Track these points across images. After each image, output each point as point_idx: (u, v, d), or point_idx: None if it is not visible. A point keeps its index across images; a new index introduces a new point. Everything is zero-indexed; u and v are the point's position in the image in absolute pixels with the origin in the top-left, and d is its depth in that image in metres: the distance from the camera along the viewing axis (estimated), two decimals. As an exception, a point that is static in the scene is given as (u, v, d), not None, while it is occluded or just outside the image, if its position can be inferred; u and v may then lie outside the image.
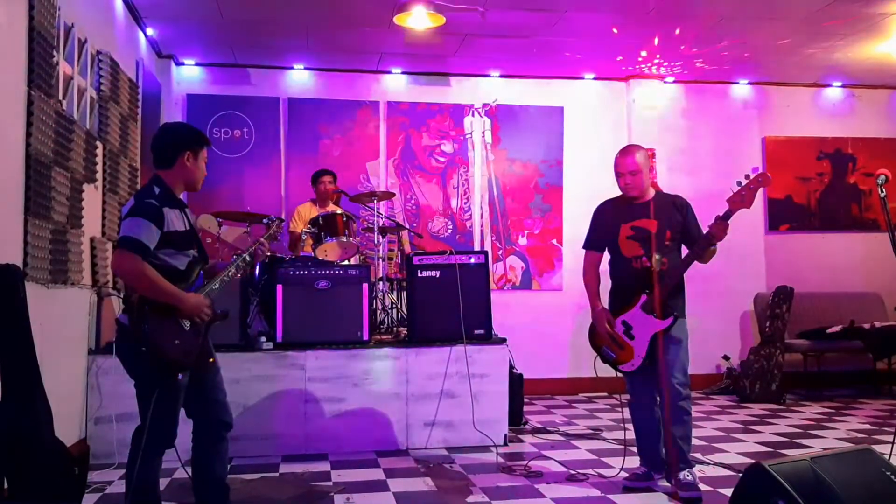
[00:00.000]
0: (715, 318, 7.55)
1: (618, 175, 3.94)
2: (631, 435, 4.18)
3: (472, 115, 7.47)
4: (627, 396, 4.10)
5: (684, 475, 3.81)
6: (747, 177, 3.70)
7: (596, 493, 3.93)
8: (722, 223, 3.67)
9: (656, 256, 3.87)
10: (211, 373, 3.20)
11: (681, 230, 3.94)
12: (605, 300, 4.07)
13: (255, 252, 3.36)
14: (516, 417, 5.49)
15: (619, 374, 4.04)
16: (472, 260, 5.23)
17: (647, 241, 3.90)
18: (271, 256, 5.43)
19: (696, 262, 3.83)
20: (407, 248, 6.57)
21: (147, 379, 2.95)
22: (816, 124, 8.00)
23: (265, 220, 3.76)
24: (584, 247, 4.16)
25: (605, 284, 4.10)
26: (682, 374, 3.87)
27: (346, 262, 5.54)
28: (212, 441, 3.22)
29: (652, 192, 4.01)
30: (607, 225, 4.05)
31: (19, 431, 3.07)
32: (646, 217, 3.93)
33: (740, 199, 3.68)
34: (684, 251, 3.95)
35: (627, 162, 3.92)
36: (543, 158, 7.53)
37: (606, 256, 4.12)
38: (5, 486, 3.09)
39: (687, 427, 3.87)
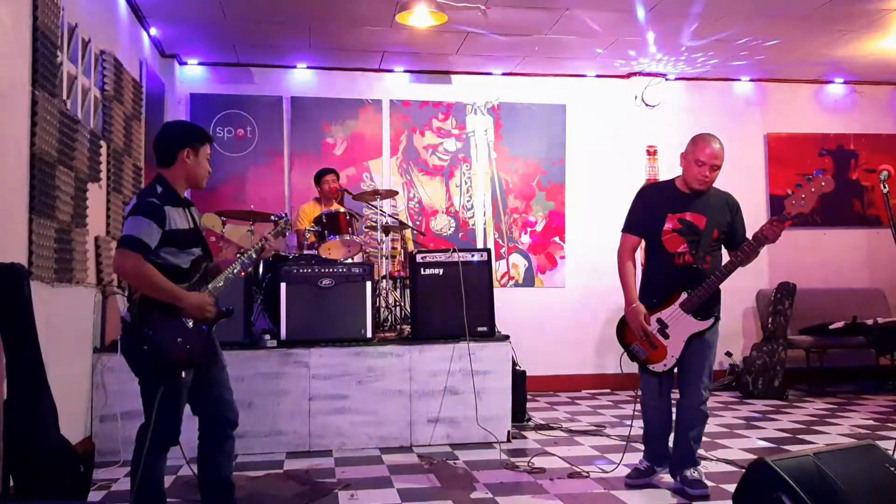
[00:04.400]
0: (717, 314, 7.54)
1: (698, 163, 3.65)
2: (634, 431, 4.18)
3: (475, 113, 7.48)
4: (633, 393, 4.08)
5: (690, 472, 3.82)
6: (808, 179, 3.50)
7: (599, 489, 3.94)
8: (777, 225, 3.49)
9: (701, 254, 3.70)
10: (216, 370, 3.21)
11: (727, 230, 3.76)
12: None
13: (262, 247, 3.34)
14: (519, 414, 5.51)
15: (648, 374, 3.87)
16: (475, 257, 5.25)
17: (693, 236, 3.71)
18: (275, 255, 5.45)
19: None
20: (410, 246, 6.58)
21: (151, 377, 2.96)
22: (818, 121, 8.00)
23: (273, 218, 3.75)
24: (623, 229, 3.90)
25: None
26: (709, 378, 3.81)
27: (349, 261, 5.55)
28: (217, 439, 3.23)
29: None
30: (653, 211, 3.79)
31: (25, 429, 3.09)
32: (696, 210, 3.73)
33: (799, 202, 3.47)
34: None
35: (718, 152, 3.64)
36: (546, 156, 7.53)
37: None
38: (11, 483, 3.11)
39: (702, 429, 3.87)
